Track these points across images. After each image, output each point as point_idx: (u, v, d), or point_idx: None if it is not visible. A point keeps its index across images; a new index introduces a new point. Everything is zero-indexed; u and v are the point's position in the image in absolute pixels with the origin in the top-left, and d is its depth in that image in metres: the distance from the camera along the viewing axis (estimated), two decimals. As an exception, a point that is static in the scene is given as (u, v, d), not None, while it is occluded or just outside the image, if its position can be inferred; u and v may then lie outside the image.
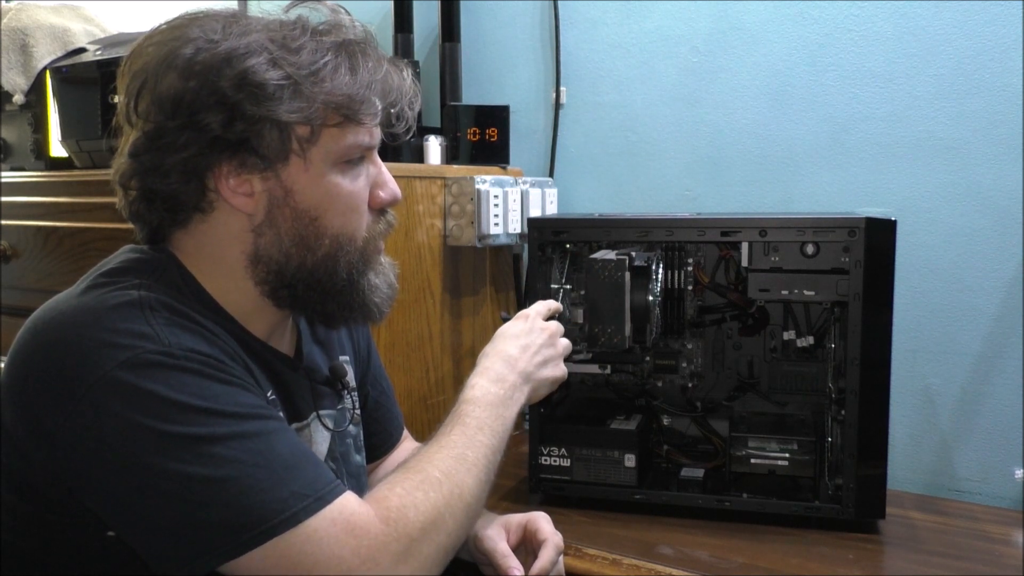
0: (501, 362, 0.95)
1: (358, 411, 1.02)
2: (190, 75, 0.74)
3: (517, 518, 0.98)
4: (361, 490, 0.98)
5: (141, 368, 0.68)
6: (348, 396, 0.98)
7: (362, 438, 1.03)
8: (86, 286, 0.76)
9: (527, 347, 0.98)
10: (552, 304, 1.08)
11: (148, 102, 0.76)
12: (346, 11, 0.85)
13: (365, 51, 0.81)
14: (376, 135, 0.84)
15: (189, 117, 0.75)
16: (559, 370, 1.02)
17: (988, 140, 1.29)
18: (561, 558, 0.97)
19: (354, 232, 0.83)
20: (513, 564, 0.92)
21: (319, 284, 0.83)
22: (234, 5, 1.99)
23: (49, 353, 0.70)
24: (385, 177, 0.87)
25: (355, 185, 0.83)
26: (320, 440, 0.92)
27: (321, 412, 0.92)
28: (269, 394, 0.82)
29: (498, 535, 0.95)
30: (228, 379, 0.72)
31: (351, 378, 1.01)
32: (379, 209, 0.87)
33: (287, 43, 0.77)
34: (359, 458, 1.01)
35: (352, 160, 0.82)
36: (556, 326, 1.03)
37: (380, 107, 0.82)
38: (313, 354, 0.96)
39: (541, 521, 0.97)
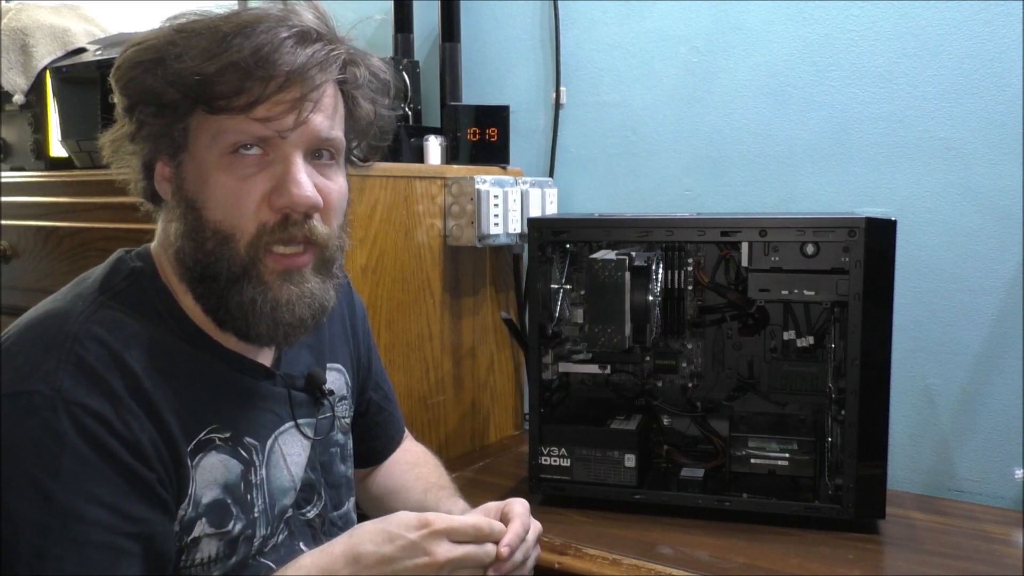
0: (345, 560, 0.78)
1: (347, 420, 1.00)
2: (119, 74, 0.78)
3: (495, 504, 0.91)
4: (343, 500, 0.97)
5: (23, 404, 0.69)
6: (336, 404, 0.96)
7: (351, 447, 1.00)
8: (60, 294, 0.80)
9: (388, 560, 0.77)
10: (491, 528, 0.82)
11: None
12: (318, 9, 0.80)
13: (256, 29, 0.73)
14: (277, 125, 0.74)
15: (129, 114, 0.78)
16: None
17: (988, 140, 1.29)
18: (535, 542, 0.91)
19: (233, 229, 0.76)
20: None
21: (208, 283, 0.78)
22: (234, 5, 1.99)
23: None
24: (289, 178, 0.76)
25: (238, 179, 0.75)
26: (295, 451, 0.89)
27: (300, 420, 0.90)
28: (209, 430, 0.79)
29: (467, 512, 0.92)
30: (94, 449, 0.70)
31: (341, 386, 0.98)
32: (283, 214, 0.76)
33: (186, 30, 0.75)
34: (344, 468, 0.98)
35: (240, 151, 0.75)
36: (456, 556, 0.79)
37: (255, 90, 0.73)
38: (298, 361, 0.92)
39: (515, 504, 0.90)
